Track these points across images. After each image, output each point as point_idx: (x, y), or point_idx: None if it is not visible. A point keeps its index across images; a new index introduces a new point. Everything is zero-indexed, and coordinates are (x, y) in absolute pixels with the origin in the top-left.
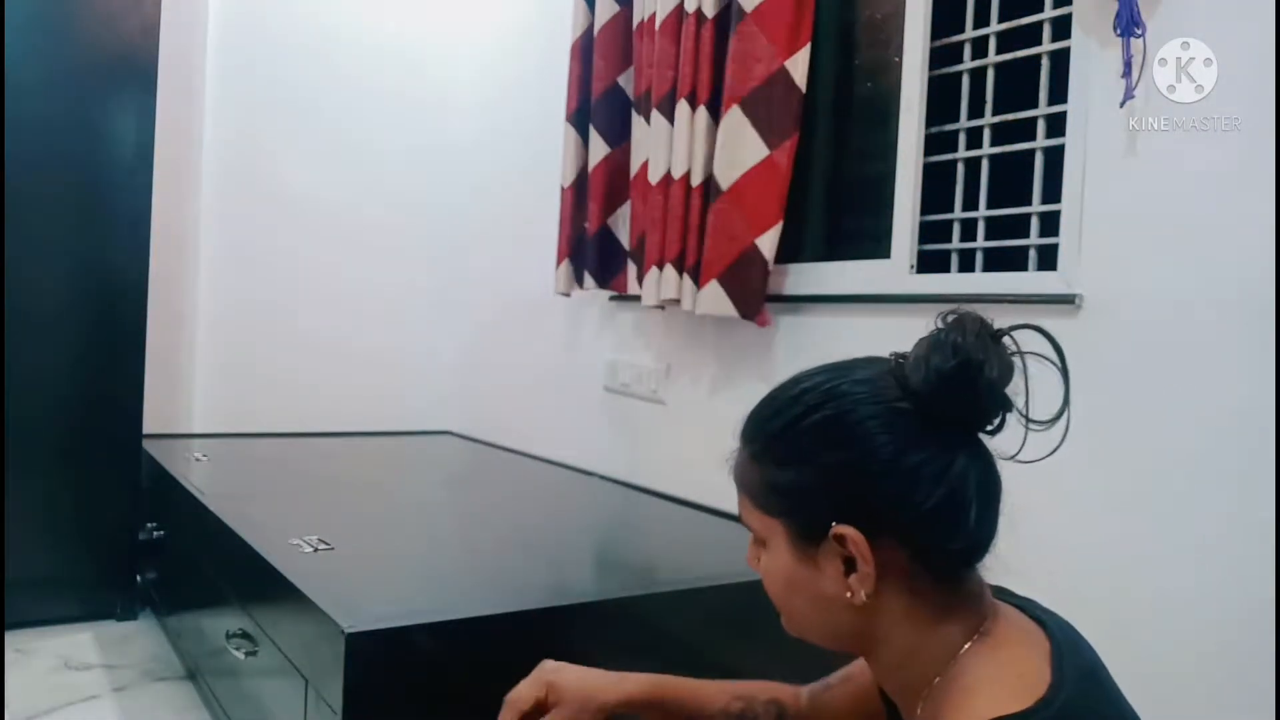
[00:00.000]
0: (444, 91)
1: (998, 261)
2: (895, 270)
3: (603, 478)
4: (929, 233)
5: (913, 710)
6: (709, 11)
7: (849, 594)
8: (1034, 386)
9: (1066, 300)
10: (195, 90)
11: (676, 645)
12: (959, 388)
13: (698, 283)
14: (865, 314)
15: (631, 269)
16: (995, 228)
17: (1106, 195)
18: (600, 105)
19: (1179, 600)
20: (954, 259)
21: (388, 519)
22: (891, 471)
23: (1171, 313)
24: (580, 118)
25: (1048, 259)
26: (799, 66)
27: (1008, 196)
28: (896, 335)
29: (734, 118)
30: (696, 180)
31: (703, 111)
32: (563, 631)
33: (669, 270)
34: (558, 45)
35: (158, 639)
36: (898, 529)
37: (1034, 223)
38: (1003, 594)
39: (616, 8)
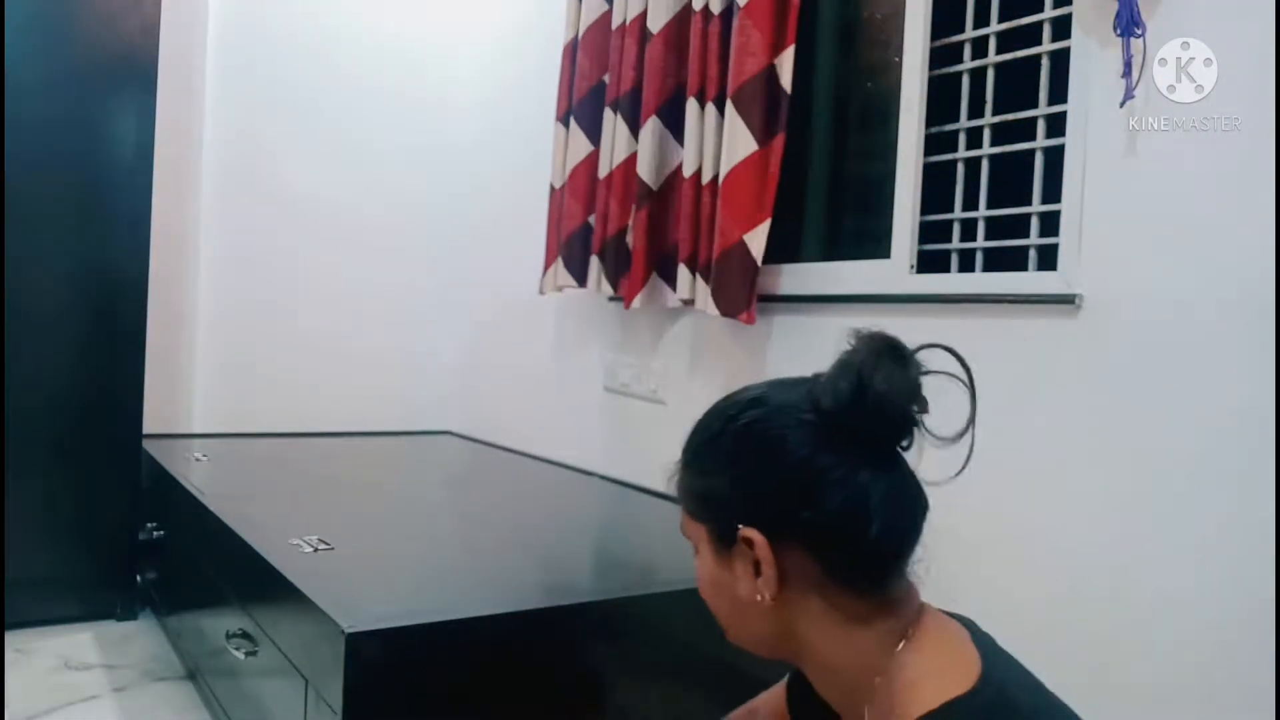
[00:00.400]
0: (444, 91)
1: (998, 261)
2: (895, 270)
3: (603, 478)
4: (929, 233)
5: (859, 715)
6: (715, 8)
7: (758, 596)
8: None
9: (1066, 300)
10: (195, 90)
11: (676, 645)
12: (858, 405)
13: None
14: (865, 314)
15: (594, 268)
16: (995, 228)
17: (1106, 195)
18: (584, 104)
19: (1179, 600)
20: (954, 259)
21: (388, 519)
22: (794, 479)
23: (1171, 313)
24: (569, 118)
25: (1048, 259)
26: (785, 67)
27: (1008, 196)
28: (896, 335)
29: (729, 112)
30: (707, 178)
31: (711, 109)
32: (563, 631)
33: (683, 271)
34: (557, 46)
35: (158, 639)
36: (801, 535)
37: (1034, 223)
38: None
39: (605, 7)
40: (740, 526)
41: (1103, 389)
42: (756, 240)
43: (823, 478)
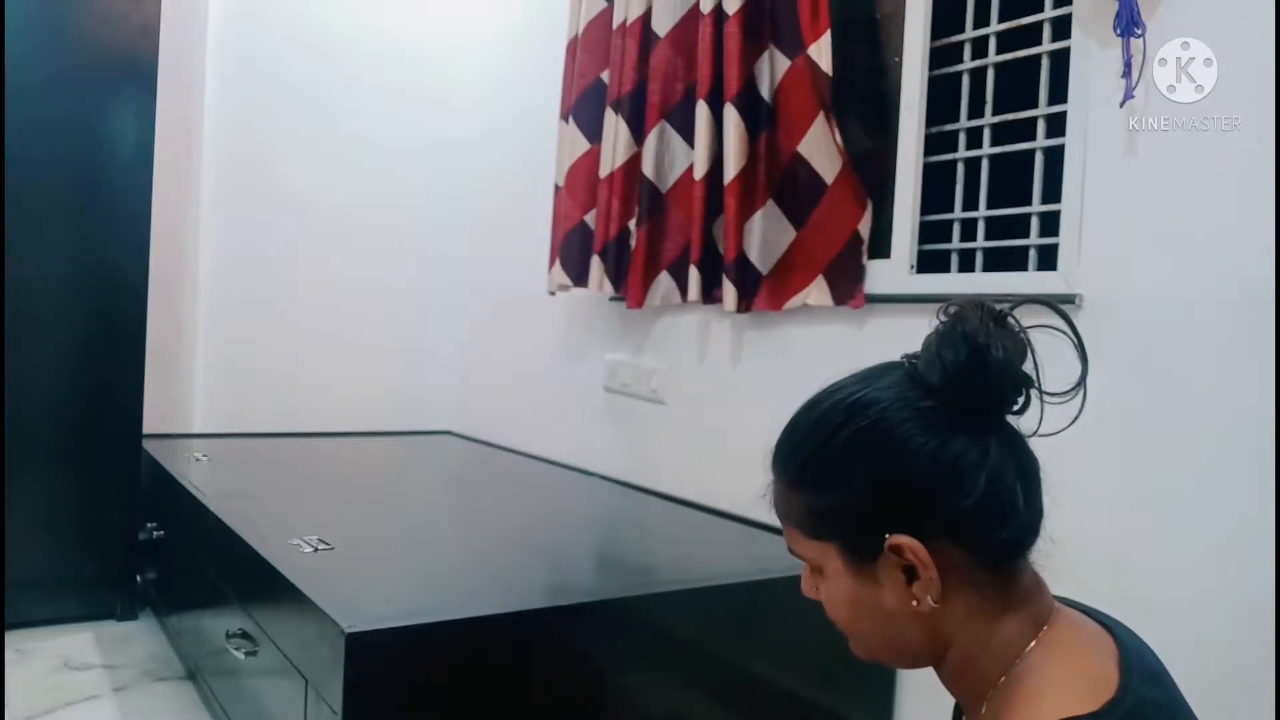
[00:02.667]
0: (444, 90)
1: (998, 261)
2: (895, 270)
3: (603, 478)
4: (929, 232)
5: (977, 711)
6: (729, 9)
7: (914, 603)
8: (1047, 364)
9: (1066, 300)
10: (195, 89)
11: (676, 645)
12: (975, 375)
13: (746, 284)
14: (865, 314)
15: (595, 268)
16: (995, 228)
17: (1106, 195)
18: (581, 103)
19: (1179, 599)
20: (954, 259)
21: (388, 519)
22: (932, 471)
23: (1172, 312)
24: (569, 116)
25: (1048, 259)
26: (822, 53)
27: (1008, 196)
28: (897, 335)
29: (820, 121)
30: (729, 178)
31: (730, 109)
32: (563, 631)
33: (692, 271)
34: (558, 44)
35: (158, 639)
36: (949, 527)
37: (1034, 222)
38: (1065, 601)
39: (604, 4)
40: (887, 535)
41: (1103, 389)
42: (865, 228)
43: (960, 463)
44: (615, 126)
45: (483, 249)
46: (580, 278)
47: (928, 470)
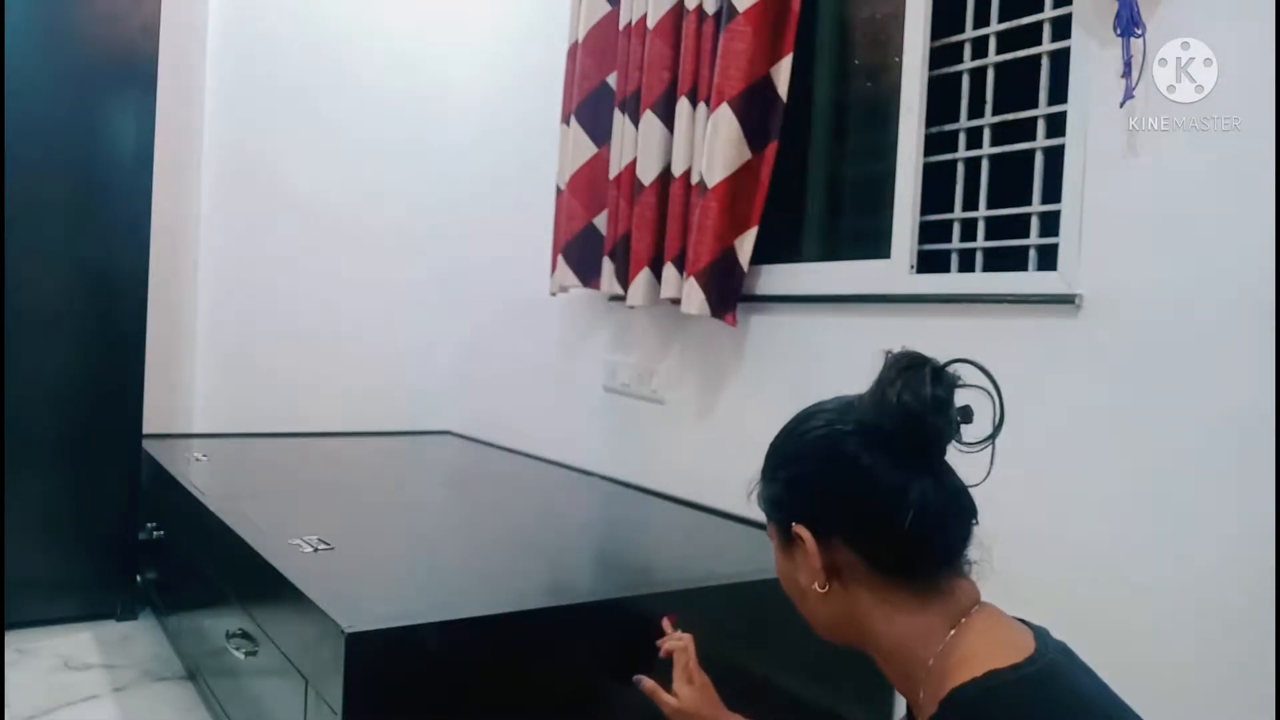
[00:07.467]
0: (444, 90)
1: (998, 261)
2: (895, 270)
3: (603, 478)
4: (929, 232)
5: (916, 696)
6: (709, 8)
7: (814, 584)
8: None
9: (1066, 300)
10: (195, 90)
11: None
12: (882, 415)
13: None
14: (865, 314)
15: (606, 269)
16: (995, 227)
17: (1106, 195)
18: (587, 105)
19: (1178, 600)
20: (954, 259)
21: (388, 519)
22: (836, 481)
23: (1171, 312)
24: (572, 119)
25: (1048, 259)
26: (782, 75)
27: (1008, 196)
28: (896, 335)
29: (723, 118)
30: (695, 178)
31: (703, 109)
32: (563, 631)
33: (670, 270)
34: (558, 45)
35: (158, 639)
36: (841, 531)
37: (1034, 222)
38: None
39: (608, 8)
40: (794, 524)
41: (1102, 389)
42: (745, 246)
43: (860, 479)
44: (622, 127)
45: (482, 249)
46: (589, 279)
47: (832, 478)
